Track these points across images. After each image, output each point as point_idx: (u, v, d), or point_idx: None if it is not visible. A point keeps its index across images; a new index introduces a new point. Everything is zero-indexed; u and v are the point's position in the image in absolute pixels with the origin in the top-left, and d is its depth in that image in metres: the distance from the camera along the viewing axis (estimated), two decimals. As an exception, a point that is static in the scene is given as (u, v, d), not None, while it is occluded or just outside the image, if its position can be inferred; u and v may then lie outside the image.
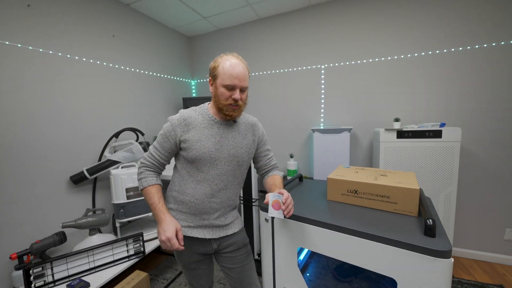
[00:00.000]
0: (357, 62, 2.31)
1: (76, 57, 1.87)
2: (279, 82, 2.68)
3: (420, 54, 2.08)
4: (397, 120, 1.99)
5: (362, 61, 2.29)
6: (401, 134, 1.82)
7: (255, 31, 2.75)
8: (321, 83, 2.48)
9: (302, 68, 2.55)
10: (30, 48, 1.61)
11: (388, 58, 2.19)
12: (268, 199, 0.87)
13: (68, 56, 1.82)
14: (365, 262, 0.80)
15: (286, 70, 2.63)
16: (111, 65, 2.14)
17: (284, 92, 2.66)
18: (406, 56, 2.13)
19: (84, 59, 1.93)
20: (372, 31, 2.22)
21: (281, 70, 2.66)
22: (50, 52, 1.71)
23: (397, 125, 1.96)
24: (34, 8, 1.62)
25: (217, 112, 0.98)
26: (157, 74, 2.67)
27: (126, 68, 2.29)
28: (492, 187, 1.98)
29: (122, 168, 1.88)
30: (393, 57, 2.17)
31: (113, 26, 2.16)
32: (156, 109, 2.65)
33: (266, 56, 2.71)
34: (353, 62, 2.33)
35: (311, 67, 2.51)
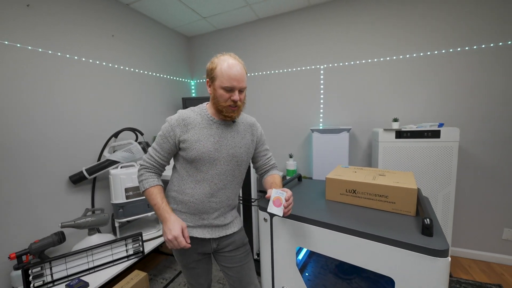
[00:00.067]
0: (356, 63, 2.32)
1: (76, 57, 1.87)
2: (279, 83, 2.68)
3: (419, 55, 2.09)
4: (396, 120, 2.00)
5: (361, 62, 2.30)
6: (400, 134, 1.83)
7: (254, 32, 2.75)
8: (320, 84, 2.48)
9: (301, 69, 2.56)
10: (30, 48, 1.61)
11: (387, 59, 2.20)
12: (271, 194, 0.87)
13: (68, 56, 1.82)
14: (363, 261, 0.80)
15: (285, 71, 2.64)
16: (111, 65, 2.14)
17: (284, 93, 2.67)
18: (405, 57, 2.14)
19: (84, 59, 1.93)
20: (371, 32, 2.23)
21: (280, 71, 2.66)
22: (50, 52, 1.71)
23: (396, 125, 1.96)
24: (34, 8, 1.62)
25: (216, 112, 0.98)
26: (157, 74, 2.67)
27: (126, 68, 2.29)
28: (490, 187, 1.99)
29: (121, 168, 1.88)
30: (392, 58, 2.18)
31: (113, 26, 2.16)
32: (156, 109, 2.65)
33: (265, 57, 2.72)
34: (352, 63, 2.34)
35: (310, 68, 2.51)
